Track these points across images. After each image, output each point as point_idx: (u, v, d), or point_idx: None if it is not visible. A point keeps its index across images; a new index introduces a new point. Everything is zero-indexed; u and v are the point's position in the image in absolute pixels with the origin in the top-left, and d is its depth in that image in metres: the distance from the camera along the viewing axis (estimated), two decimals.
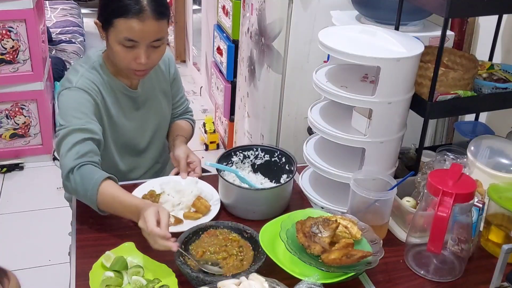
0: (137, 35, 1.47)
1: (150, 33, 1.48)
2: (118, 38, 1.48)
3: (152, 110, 1.71)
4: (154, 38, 1.50)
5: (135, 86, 1.66)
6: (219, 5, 3.20)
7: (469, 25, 2.03)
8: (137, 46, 1.49)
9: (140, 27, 1.46)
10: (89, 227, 1.44)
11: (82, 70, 1.57)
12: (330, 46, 1.43)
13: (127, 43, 1.48)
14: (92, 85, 1.55)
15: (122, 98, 1.63)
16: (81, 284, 1.24)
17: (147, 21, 1.46)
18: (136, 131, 1.68)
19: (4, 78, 3.07)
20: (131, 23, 1.45)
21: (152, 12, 1.46)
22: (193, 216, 1.47)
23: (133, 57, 1.50)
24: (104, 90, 1.58)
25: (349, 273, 1.20)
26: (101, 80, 1.58)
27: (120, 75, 1.61)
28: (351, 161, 1.56)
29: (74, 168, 1.42)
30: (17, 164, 3.21)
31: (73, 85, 1.53)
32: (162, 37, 1.52)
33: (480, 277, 1.32)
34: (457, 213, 1.27)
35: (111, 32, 1.49)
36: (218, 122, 3.62)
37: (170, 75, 1.78)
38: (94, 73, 1.58)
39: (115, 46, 1.50)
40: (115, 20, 1.47)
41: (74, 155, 1.43)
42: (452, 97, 1.51)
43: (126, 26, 1.46)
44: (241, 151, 1.65)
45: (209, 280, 1.18)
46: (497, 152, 1.55)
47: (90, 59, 1.61)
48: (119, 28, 1.47)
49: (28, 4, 2.94)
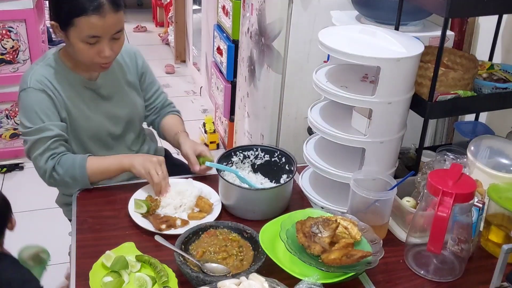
0: (100, 31, 1.50)
1: (111, 27, 1.51)
2: (80, 36, 1.50)
3: (119, 102, 1.73)
4: (115, 31, 1.53)
5: (95, 78, 1.67)
6: (219, 5, 3.20)
7: (469, 25, 2.03)
8: (100, 41, 1.52)
9: (101, 23, 1.48)
10: (89, 227, 1.44)
11: (35, 68, 1.61)
12: (330, 46, 1.43)
13: (91, 40, 1.51)
14: (44, 81, 1.58)
15: (83, 91, 1.65)
16: (81, 284, 1.24)
17: (107, 16, 1.49)
18: (105, 122, 1.69)
19: (4, 78, 3.07)
20: (92, 20, 1.47)
21: (110, 5, 1.49)
22: (198, 216, 1.47)
23: (97, 51, 1.53)
24: (59, 85, 1.60)
25: (349, 273, 1.20)
26: (56, 76, 1.60)
27: (78, 68, 1.63)
28: (351, 161, 1.56)
29: (54, 165, 1.53)
30: (17, 164, 3.21)
31: (27, 86, 1.56)
32: (122, 28, 1.56)
33: (480, 277, 1.32)
34: (457, 213, 1.27)
35: (72, 31, 1.51)
36: (218, 122, 3.62)
37: (138, 68, 1.79)
38: (48, 69, 1.60)
39: (78, 44, 1.52)
40: (75, 19, 1.48)
41: (49, 156, 1.54)
42: (452, 97, 1.51)
43: (87, 24, 1.48)
44: (241, 151, 1.65)
45: (209, 280, 1.18)
46: (497, 152, 1.55)
47: (46, 56, 1.64)
48: (80, 26, 1.49)
49: (28, 4, 2.94)
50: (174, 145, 1.80)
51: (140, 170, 1.54)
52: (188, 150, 1.67)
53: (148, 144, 1.88)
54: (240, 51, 2.74)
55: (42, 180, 1.60)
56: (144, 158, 1.57)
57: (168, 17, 5.30)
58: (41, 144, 1.53)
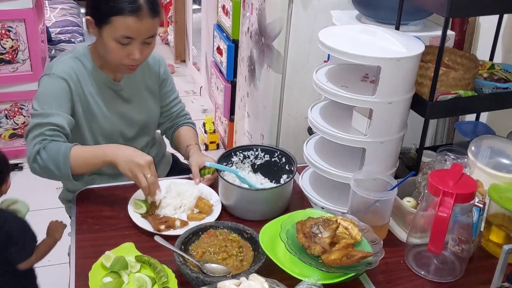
0: (134, 33, 1.51)
1: (146, 31, 1.53)
2: (114, 35, 1.51)
3: (137, 106, 1.73)
4: (148, 35, 1.54)
5: (119, 79, 1.68)
6: (219, 4, 3.19)
7: (470, 25, 2.02)
8: (132, 42, 1.53)
9: (137, 25, 1.50)
10: (88, 227, 1.44)
11: (64, 58, 1.61)
12: (331, 46, 1.43)
13: (124, 40, 1.51)
14: (70, 72, 1.58)
15: (105, 90, 1.65)
16: (80, 285, 1.24)
17: (144, 19, 1.50)
18: (120, 123, 1.69)
19: (4, 78, 3.06)
20: (128, 20, 1.49)
21: (148, 10, 1.51)
22: (198, 217, 1.47)
23: (127, 53, 1.54)
24: (84, 80, 1.61)
25: (349, 274, 1.20)
26: (83, 70, 1.61)
27: (105, 67, 1.64)
28: (352, 161, 1.56)
29: (39, 149, 1.49)
30: (17, 164, 3.20)
31: (52, 72, 1.57)
32: (155, 33, 1.57)
33: (481, 278, 1.32)
34: (458, 213, 1.27)
35: (106, 29, 1.52)
36: (218, 122, 3.62)
37: (160, 75, 1.79)
38: (77, 62, 1.61)
39: (110, 43, 1.53)
40: (111, 17, 1.49)
41: (39, 140, 1.50)
42: (453, 97, 1.50)
43: (123, 24, 1.49)
44: (241, 151, 1.64)
45: (209, 281, 1.17)
46: (498, 152, 1.55)
47: (75, 49, 1.65)
48: (116, 25, 1.50)
49: (28, 3, 2.94)
50: (186, 157, 1.80)
51: (126, 172, 1.45)
52: (192, 163, 1.66)
53: (157, 148, 1.87)
54: (240, 51, 2.74)
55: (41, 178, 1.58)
56: (130, 158, 1.45)
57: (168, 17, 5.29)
58: (39, 128, 1.51)
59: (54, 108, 1.53)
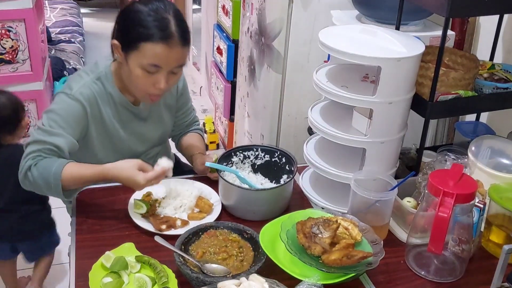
0: (162, 61, 1.45)
1: (175, 60, 1.47)
2: (141, 63, 1.45)
3: (154, 124, 1.71)
4: (177, 64, 1.48)
5: (138, 102, 1.64)
6: (219, 4, 3.19)
7: (470, 25, 2.02)
8: (159, 71, 1.46)
9: (166, 53, 1.43)
10: (88, 228, 1.44)
11: (86, 79, 1.55)
12: (331, 46, 1.43)
13: (151, 68, 1.45)
14: (91, 97, 1.53)
15: (123, 112, 1.61)
16: (81, 285, 1.24)
17: (174, 48, 1.44)
18: (135, 142, 1.68)
19: (4, 78, 3.06)
20: (158, 48, 1.42)
21: (179, 38, 1.44)
22: (198, 216, 1.47)
23: (153, 82, 1.48)
24: (103, 102, 1.56)
25: (349, 274, 1.20)
26: (103, 92, 1.56)
27: (125, 91, 1.60)
28: (352, 161, 1.55)
29: (31, 165, 1.45)
30: None
31: (71, 92, 1.52)
32: (184, 63, 1.51)
33: (481, 278, 1.32)
34: (458, 213, 1.27)
35: (133, 55, 1.46)
36: (218, 122, 3.62)
37: (178, 90, 1.76)
38: (98, 84, 1.56)
39: (136, 70, 1.47)
40: (140, 43, 1.43)
41: (34, 156, 1.46)
42: (453, 97, 1.50)
43: (152, 51, 1.43)
44: (241, 151, 1.64)
45: (209, 281, 1.17)
46: (498, 152, 1.55)
47: (98, 68, 1.58)
48: (144, 52, 1.43)
49: (28, 3, 2.93)
50: (190, 163, 1.78)
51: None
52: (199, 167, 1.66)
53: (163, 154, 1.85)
54: (240, 51, 2.74)
55: None
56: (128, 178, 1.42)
57: None
58: (39, 144, 1.47)
59: (61, 129, 1.48)
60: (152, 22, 1.43)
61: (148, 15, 1.44)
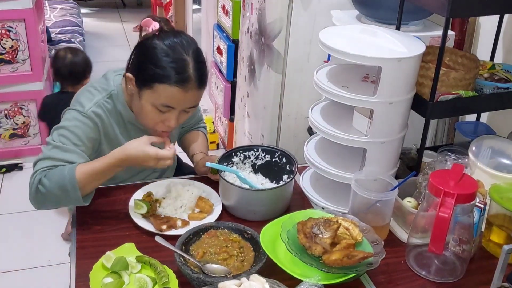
0: (176, 103, 1.42)
1: (189, 102, 1.45)
2: (154, 102, 1.43)
3: None
4: (190, 105, 1.46)
5: None
6: (219, 4, 3.19)
7: (470, 25, 2.02)
8: (171, 111, 1.44)
9: (181, 96, 1.41)
10: (89, 228, 1.44)
11: (98, 98, 1.51)
12: (331, 46, 1.43)
13: (163, 108, 1.43)
14: (103, 115, 1.50)
15: (131, 128, 1.59)
16: (81, 285, 1.24)
17: (190, 91, 1.41)
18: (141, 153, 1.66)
19: (4, 78, 3.06)
20: (173, 91, 1.39)
21: (196, 81, 1.41)
22: (199, 217, 1.47)
23: (163, 119, 1.46)
24: (113, 120, 1.54)
25: (350, 274, 1.20)
26: (114, 110, 1.53)
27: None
28: (352, 161, 1.55)
29: (41, 178, 1.39)
30: (17, 164, 3.20)
31: (84, 111, 1.48)
32: (197, 104, 1.49)
33: (482, 278, 1.32)
34: (459, 213, 1.27)
35: (147, 93, 1.43)
36: (218, 122, 3.62)
37: None
38: (109, 103, 1.52)
39: (147, 107, 1.44)
40: (156, 84, 1.40)
41: (43, 171, 1.40)
42: (454, 97, 1.50)
43: (167, 93, 1.40)
44: (242, 151, 1.64)
45: (210, 281, 1.17)
46: (499, 152, 1.54)
47: (109, 85, 1.54)
48: (158, 93, 1.40)
49: (28, 3, 2.93)
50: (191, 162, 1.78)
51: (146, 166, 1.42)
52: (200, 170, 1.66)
53: None
54: (240, 51, 2.74)
55: None
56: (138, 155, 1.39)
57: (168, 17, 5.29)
58: (51, 161, 1.41)
59: (74, 146, 1.44)
60: (169, 64, 1.39)
61: (166, 55, 1.40)
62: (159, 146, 1.45)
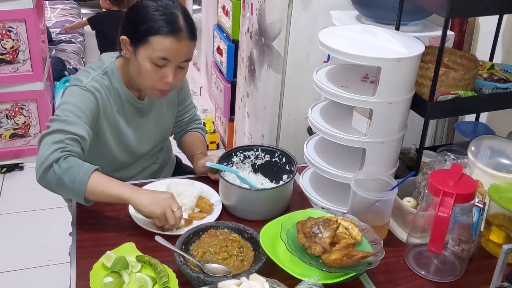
0: (171, 54, 1.48)
1: (183, 53, 1.50)
2: (150, 56, 1.48)
3: (154, 119, 1.71)
4: (185, 58, 1.52)
5: (143, 97, 1.66)
6: (219, 5, 3.20)
7: (469, 25, 2.03)
8: (167, 65, 1.50)
9: (175, 47, 1.47)
10: (89, 228, 1.44)
11: (94, 74, 1.56)
12: (331, 46, 1.43)
13: (160, 61, 1.48)
14: (101, 90, 1.54)
15: (128, 107, 1.63)
16: (81, 285, 1.24)
17: (182, 41, 1.48)
18: (138, 138, 1.68)
19: (4, 78, 3.06)
20: (167, 41, 1.46)
21: (187, 32, 1.49)
22: (199, 216, 1.47)
23: (161, 76, 1.51)
24: (110, 96, 1.58)
25: (349, 274, 1.20)
26: (110, 87, 1.58)
27: (131, 86, 1.61)
28: (352, 161, 1.56)
29: (60, 158, 1.39)
30: (17, 164, 3.21)
31: (82, 84, 1.52)
32: (190, 58, 1.54)
33: (481, 278, 1.32)
34: (458, 213, 1.27)
35: (142, 49, 1.49)
36: (218, 122, 3.62)
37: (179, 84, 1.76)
38: (105, 79, 1.57)
39: (145, 64, 1.49)
40: (150, 37, 1.47)
41: (59, 148, 1.41)
42: (453, 97, 1.51)
43: (162, 45, 1.46)
44: (242, 151, 1.65)
45: (210, 281, 1.18)
46: (498, 152, 1.55)
47: (104, 63, 1.60)
48: (154, 46, 1.47)
49: (28, 4, 2.94)
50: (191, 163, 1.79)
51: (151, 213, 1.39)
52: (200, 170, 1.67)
53: (165, 153, 1.87)
54: (240, 51, 2.74)
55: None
56: (154, 200, 1.40)
57: None
58: (60, 134, 1.43)
59: (78, 118, 1.47)
60: (161, 17, 1.47)
61: (156, 10, 1.48)
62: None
